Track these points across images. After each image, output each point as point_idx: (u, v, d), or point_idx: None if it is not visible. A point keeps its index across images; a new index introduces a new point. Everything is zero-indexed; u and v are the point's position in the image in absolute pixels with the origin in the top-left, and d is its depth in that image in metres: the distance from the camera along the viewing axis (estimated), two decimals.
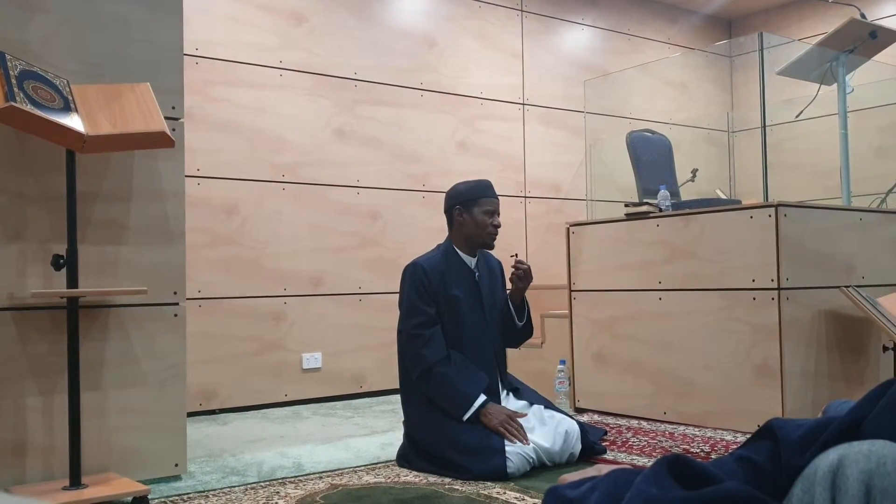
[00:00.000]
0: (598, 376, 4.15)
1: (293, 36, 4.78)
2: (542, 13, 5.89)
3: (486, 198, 3.09)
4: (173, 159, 2.88)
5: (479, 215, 3.07)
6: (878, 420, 0.87)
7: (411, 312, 3.00)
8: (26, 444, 2.58)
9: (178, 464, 2.85)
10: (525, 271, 3.09)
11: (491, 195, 3.11)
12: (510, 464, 2.73)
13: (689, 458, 0.80)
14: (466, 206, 3.08)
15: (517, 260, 3.11)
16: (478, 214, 3.07)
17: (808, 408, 3.45)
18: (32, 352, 2.60)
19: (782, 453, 0.89)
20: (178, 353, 2.88)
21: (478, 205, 3.07)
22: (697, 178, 4.95)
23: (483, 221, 3.07)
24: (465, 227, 3.09)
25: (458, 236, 3.12)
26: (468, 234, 3.09)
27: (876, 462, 0.74)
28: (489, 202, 3.09)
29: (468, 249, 3.13)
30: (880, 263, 3.86)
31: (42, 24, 2.67)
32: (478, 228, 3.07)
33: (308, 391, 4.68)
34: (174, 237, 2.89)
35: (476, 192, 3.10)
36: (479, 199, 3.08)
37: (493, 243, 3.13)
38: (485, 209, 3.07)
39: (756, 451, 0.93)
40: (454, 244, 3.14)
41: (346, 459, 3.13)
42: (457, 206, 3.10)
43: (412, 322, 2.98)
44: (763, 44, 4.33)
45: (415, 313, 2.99)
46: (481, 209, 3.07)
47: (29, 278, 2.59)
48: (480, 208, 3.07)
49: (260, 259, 4.59)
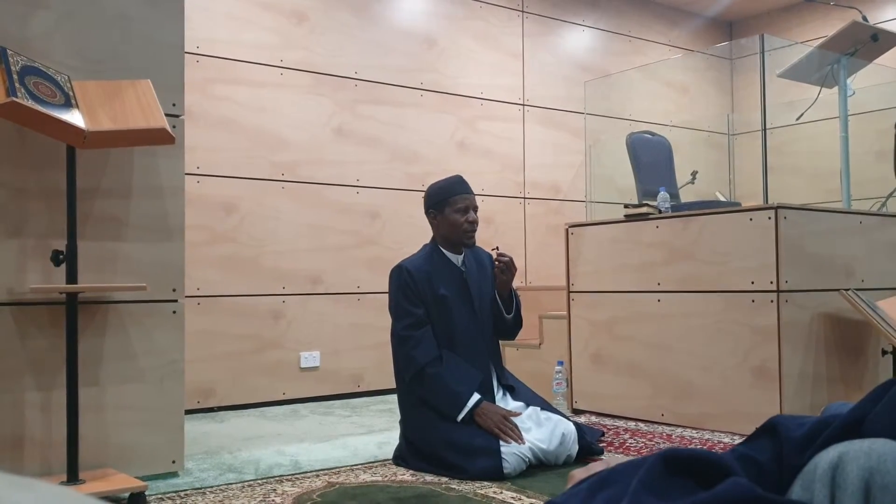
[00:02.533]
0: (595, 377, 4.15)
1: (294, 35, 4.77)
2: (543, 14, 5.89)
3: (456, 195, 3.05)
4: (173, 156, 2.88)
5: (452, 215, 3.04)
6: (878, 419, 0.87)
7: (399, 314, 3.00)
8: (24, 439, 2.58)
9: (175, 460, 2.85)
10: (507, 263, 3.04)
11: (461, 191, 3.07)
12: (506, 464, 2.73)
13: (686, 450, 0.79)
14: (439, 208, 3.07)
15: (498, 252, 3.08)
16: (450, 214, 3.04)
17: (807, 411, 3.45)
18: (31, 347, 2.60)
19: (784, 452, 0.88)
20: (177, 350, 2.88)
21: (448, 204, 3.04)
22: (697, 180, 4.96)
23: (456, 220, 3.04)
24: (441, 228, 3.08)
25: (439, 237, 3.13)
26: (445, 235, 3.09)
27: (876, 459, 0.74)
28: (461, 199, 3.05)
29: (451, 248, 3.12)
30: (880, 267, 3.86)
31: (44, 20, 2.67)
32: (452, 228, 3.05)
33: (306, 390, 4.68)
34: (173, 234, 2.89)
35: (446, 192, 3.07)
36: (448, 199, 3.05)
37: (472, 241, 3.10)
38: (457, 207, 3.04)
39: (757, 448, 0.93)
40: (438, 244, 3.14)
41: (343, 458, 3.13)
42: (430, 209, 3.09)
43: (401, 324, 2.98)
44: (764, 46, 4.33)
45: (403, 315, 2.99)
46: (453, 208, 3.04)
47: (28, 273, 2.59)
48: (452, 207, 3.04)
49: (259, 257, 4.58)
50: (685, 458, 0.77)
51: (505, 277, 3.08)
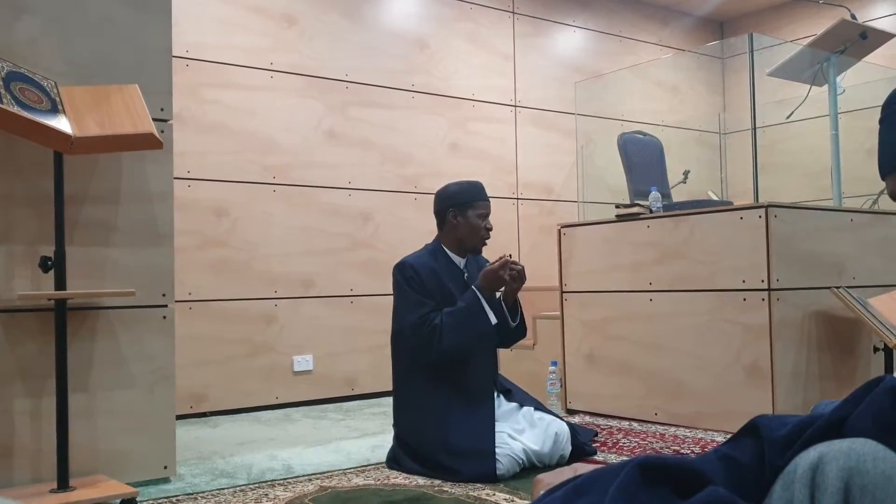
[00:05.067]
0: (589, 377, 4.15)
1: (284, 38, 4.77)
2: (534, 15, 5.89)
3: (480, 200, 3.06)
4: (161, 161, 2.87)
5: (474, 218, 3.03)
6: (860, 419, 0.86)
7: (411, 307, 2.90)
8: (13, 447, 2.57)
9: (167, 466, 2.84)
10: (519, 272, 3.01)
11: (485, 198, 3.08)
12: (500, 465, 2.73)
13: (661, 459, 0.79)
14: (461, 209, 3.03)
15: (511, 261, 3.06)
16: (472, 217, 3.03)
17: (799, 408, 3.45)
18: (20, 354, 2.59)
19: (766, 452, 0.88)
20: (167, 356, 2.87)
21: (472, 207, 3.03)
22: (689, 179, 4.96)
23: (477, 225, 3.03)
24: (459, 229, 3.04)
25: (450, 238, 3.08)
26: (460, 237, 3.05)
27: (856, 459, 0.74)
28: (483, 205, 3.06)
29: (458, 251, 3.10)
30: (871, 264, 3.86)
31: (30, 25, 2.66)
32: (472, 232, 3.03)
33: (299, 394, 4.67)
34: (162, 239, 2.88)
35: (471, 195, 3.06)
36: (473, 202, 3.04)
37: (483, 248, 3.11)
38: (479, 212, 3.03)
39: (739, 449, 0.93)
40: (443, 244, 3.10)
41: (335, 462, 3.12)
42: (451, 208, 3.04)
43: (415, 315, 2.88)
44: (753, 45, 4.34)
45: (415, 306, 2.89)
46: (476, 212, 3.03)
47: (16, 280, 2.58)
48: (475, 211, 3.03)
49: (251, 261, 4.57)
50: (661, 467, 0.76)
51: (515, 286, 3.03)
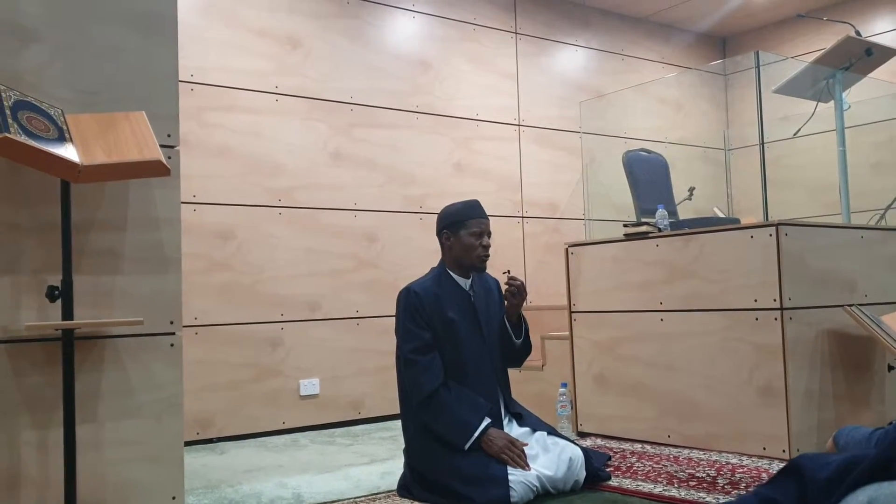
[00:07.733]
0: (600, 399, 4.11)
1: (288, 61, 4.77)
2: (536, 35, 5.90)
3: (473, 219, 3.03)
4: (169, 187, 2.85)
5: (467, 238, 3.01)
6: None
7: (407, 337, 2.96)
8: (20, 479, 2.52)
9: (175, 496, 2.79)
10: (518, 287, 3.00)
11: (478, 216, 3.05)
12: (513, 493, 2.68)
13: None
14: (453, 229, 3.03)
15: (510, 276, 3.05)
16: (465, 237, 3.01)
17: (814, 429, 3.41)
18: (26, 385, 2.55)
19: (809, 495, 0.85)
20: (175, 384, 2.83)
21: (465, 227, 3.02)
22: (694, 196, 4.94)
23: (471, 244, 3.01)
24: (454, 250, 3.04)
25: (449, 259, 3.08)
26: (457, 258, 3.05)
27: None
28: (477, 223, 3.03)
29: (461, 271, 3.08)
30: (882, 281, 3.83)
31: (36, 53, 2.65)
32: (466, 251, 3.02)
33: (306, 418, 4.63)
34: (170, 265, 2.85)
35: (463, 214, 3.04)
36: (465, 221, 3.02)
37: (484, 266, 3.07)
38: (472, 231, 3.01)
39: (781, 490, 0.90)
40: (447, 267, 3.09)
41: (345, 489, 3.08)
42: (444, 230, 3.05)
43: (408, 347, 2.94)
44: (759, 62, 4.33)
45: (410, 338, 2.94)
46: (468, 231, 3.01)
47: (23, 310, 2.55)
48: (468, 230, 3.01)
49: (256, 284, 4.55)
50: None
51: (516, 301, 3.03)
